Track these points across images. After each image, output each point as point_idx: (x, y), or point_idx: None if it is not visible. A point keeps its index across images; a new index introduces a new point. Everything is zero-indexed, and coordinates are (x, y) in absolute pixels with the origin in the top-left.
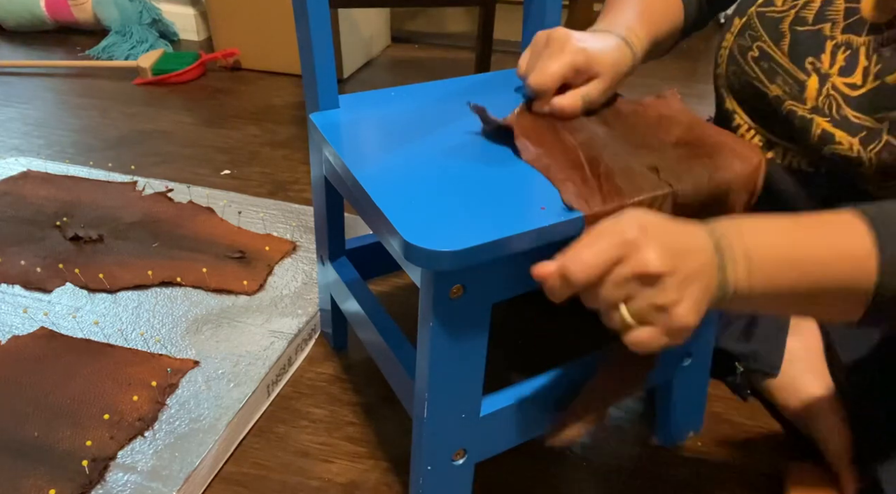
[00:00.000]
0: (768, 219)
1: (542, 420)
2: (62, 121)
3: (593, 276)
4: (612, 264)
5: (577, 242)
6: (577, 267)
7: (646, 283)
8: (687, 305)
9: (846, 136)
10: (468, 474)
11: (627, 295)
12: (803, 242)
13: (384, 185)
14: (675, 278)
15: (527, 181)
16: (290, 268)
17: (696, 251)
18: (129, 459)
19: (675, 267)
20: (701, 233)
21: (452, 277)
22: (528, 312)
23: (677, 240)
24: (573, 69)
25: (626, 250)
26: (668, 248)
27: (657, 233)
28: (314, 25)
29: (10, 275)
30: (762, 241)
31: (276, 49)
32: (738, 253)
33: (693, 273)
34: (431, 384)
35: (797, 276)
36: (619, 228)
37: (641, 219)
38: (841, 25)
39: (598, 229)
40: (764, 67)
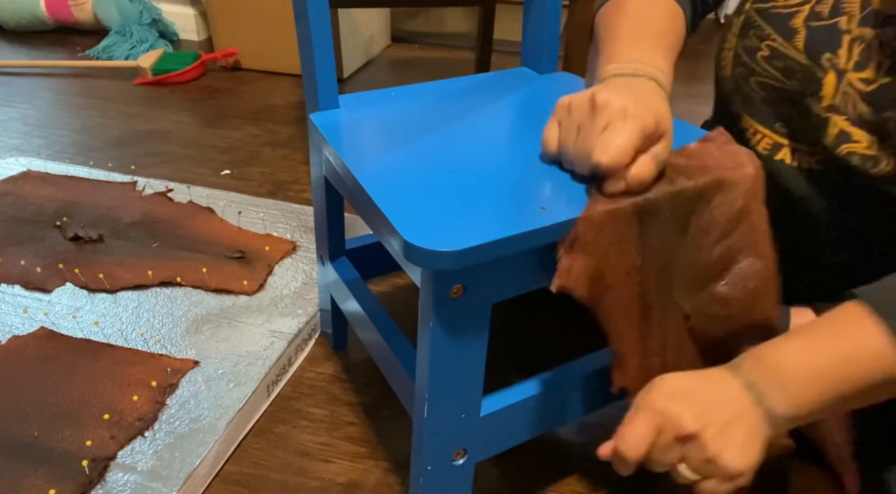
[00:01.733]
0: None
1: (542, 419)
2: (62, 121)
3: (642, 452)
4: (655, 436)
5: (623, 422)
6: (626, 449)
7: (688, 443)
8: (732, 451)
9: (864, 134)
10: (468, 474)
11: (681, 456)
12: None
13: (384, 185)
14: (710, 431)
15: (527, 181)
16: (290, 268)
17: (724, 400)
18: (129, 459)
19: (708, 421)
20: (726, 378)
21: (453, 277)
22: (526, 312)
23: (704, 396)
24: (645, 136)
25: (661, 421)
26: (697, 407)
27: (684, 396)
28: (314, 25)
29: (10, 275)
30: (790, 365)
31: (276, 49)
32: (770, 385)
33: (728, 420)
34: (431, 384)
35: (831, 386)
36: (650, 403)
37: (667, 387)
38: (857, 18)
39: (635, 406)
40: (778, 66)
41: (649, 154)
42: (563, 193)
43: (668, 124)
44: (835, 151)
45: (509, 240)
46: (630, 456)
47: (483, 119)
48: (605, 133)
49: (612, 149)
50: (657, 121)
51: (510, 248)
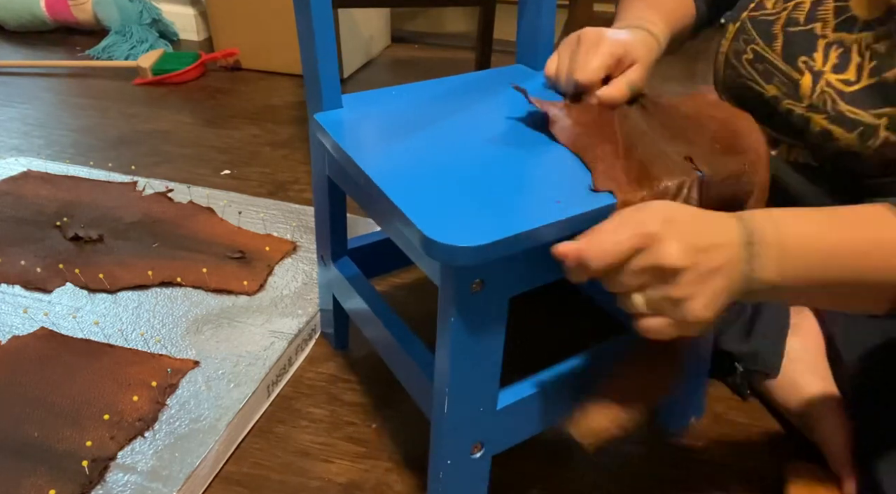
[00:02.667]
0: (802, 210)
1: (557, 410)
2: (62, 121)
3: (610, 265)
4: (631, 253)
5: (600, 227)
6: (595, 254)
7: (661, 276)
8: (702, 300)
9: (843, 132)
10: (486, 467)
11: (643, 284)
12: (838, 233)
13: (397, 182)
14: (693, 273)
15: (536, 174)
16: (290, 268)
17: (720, 246)
18: (129, 459)
19: (696, 262)
20: (731, 225)
21: (473, 272)
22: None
23: (702, 235)
24: (614, 59)
25: (646, 241)
26: (691, 243)
27: (682, 226)
28: (317, 25)
29: (10, 275)
30: (797, 231)
31: (276, 49)
32: (771, 244)
33: (714, 268)
34: (452, 379)
35: (830, 267)
36: (643, 218)
37: (667, 211)
38: (832, 24)
39: (621, 216)
40: (759, 69)
41: (621, 77)
42: (574, 186)
43: (639, 53)
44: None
45: (529, 235)
46: (595, 263)
47: (484, 115)
48: (579, 57)
49: (583, 69)
50: (627, 48)
51: (529, 242)
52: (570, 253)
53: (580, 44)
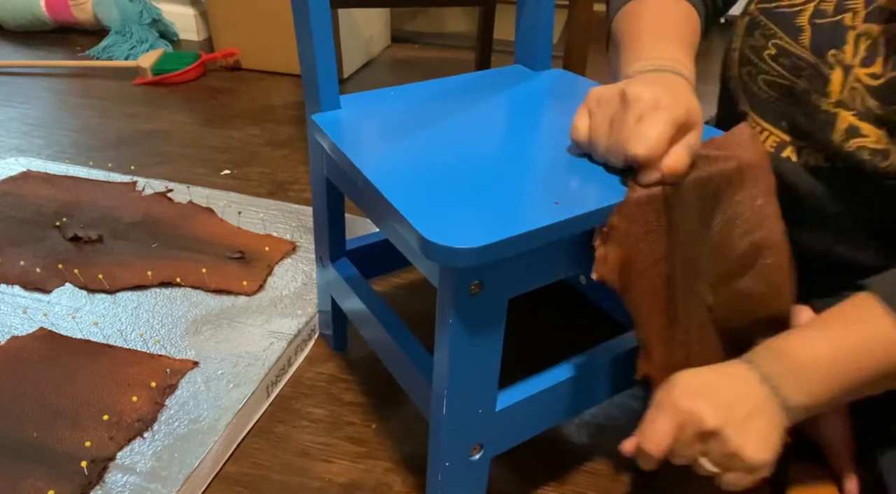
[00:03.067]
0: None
1: (556, 411)
2: (62, 121)
3: (665, 449)
4: (678, 432)
5: (645, 419)
6: (650, 446)
7: (710, 438)
8: (753, 444)
9: (873, 129)
10: (484, 468)
11: (703, 451)
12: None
13: (395, 183)
14: (731, 427)
15: (534, 175)
16: (289, 269)
17: (742, 394)
18: (128, 460)
19: (728, 417)
20: (743, 372)
21: (472, 274)
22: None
23: (723, 392)
24: (678, 127)
25: (682, 418)
26: (717, 403)
27: (703, 392)
28: (315, 26)
29: (9, 276)
30: (804, 357)
31: (276, 49)
32: (786, 375)
33: (748, 414)
34: (451, 381)
35: (845, 376)
36: (671, 401)
37: (686, 384)
38: (862, 14)
39: (656, 403)
40: (785, 64)
41: (682, 144)
42: (573, 188)
43: (698, 115)
44: (843, 147)
45: (528, 236)
46: (653, 453)
47: (483, 116)
48: (639, 125)
49: (648, 140)
50: (688, 112)
51: (528, 243)
52: (633, 450)
53: (628, 106)
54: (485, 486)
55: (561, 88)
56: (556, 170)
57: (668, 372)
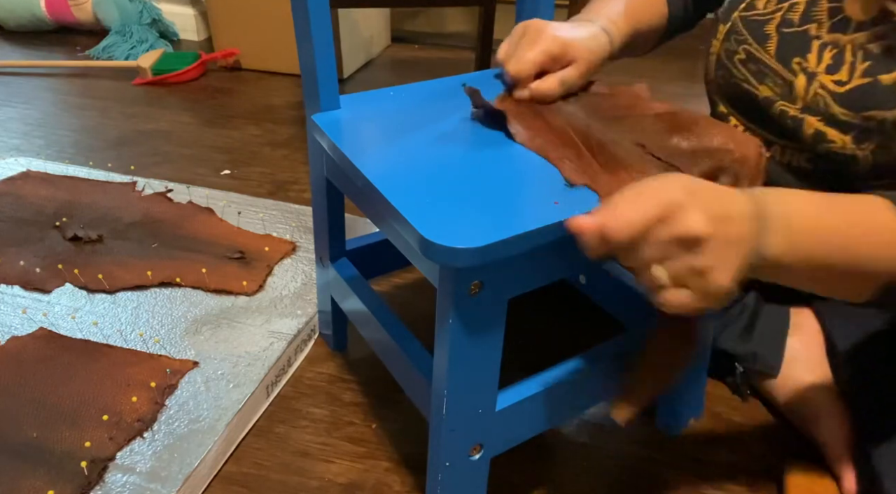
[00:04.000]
0: (804, 192)
1: (556, 412)
2: (62, 121)
3: (634, 235)
4: (654, 223)
5: (618, 198)
6: (617, 225)
7: (686, 246)
8: (725, 270)
9: (838, 134)
10: (484, 468)
11: (665, 255)
12: (838, 217)
13: (395, 183)
14: (715, 242)
15: (533, 175)
16: (289, 269)
17: (738, 217)
18: (128, 460)
19: (718, 231)
20: (742, 198)
21: (471, 274)
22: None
23: (721, 204)
24: (549, 56)
25: (670, 210)
26: (713, 212)
27: (702, 195)
28: (315, 26)
29: (9, 276)
30: (801, 211)
31: (276, 49)
32: (780, 220)
33: (734, 238)
34: (451, 381)
35: (829, 248)
36: (665, 188)
37: (685, 180)
38: (826, 25)
39: (639, 188)
40: (752, 69)
41: (556, 74)
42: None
43: (579, 53)
44: (816, 150)
45: (528, 236)
46: (617, 237)
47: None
48: (518, 49)
49: (517, 61)
50: (565, 47)
51: (528, 244)
52: (590, 227)
53: (524, 35)
54: (485, 486)
55: None
56: (555, 170)
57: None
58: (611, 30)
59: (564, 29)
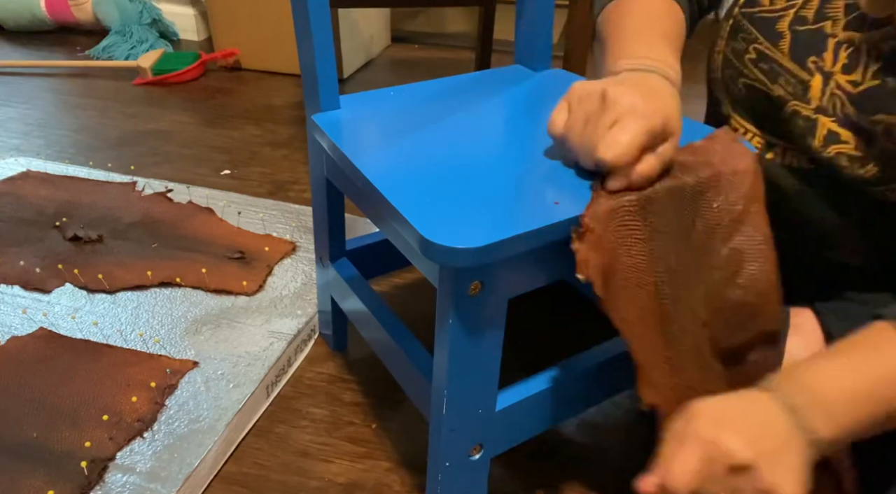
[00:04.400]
0: (820, 363)
1: (556, 411)
2: (62, 121)
3: (693, 485)
4: (705, 466)
5: (665, 453)
6: (676, 483)
7: (741, 473)
8: (785, 478)
9: (851, 136)
10: (485, 468)
11: (732, 486)
12: (865, 375)
13: (395, 183)
14: (765, 461)
15: (534, 176)
16: (289, 269)
17: (772, 425)
18: (127, 460)
19: (761, 449)
20: (766, 402)
21: (471, 274)
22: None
23: (752, 421)
24: (651, 136)
25: (711, 451)
26: (748, 434)
27: (731, 422)
28: (315, 26)
29: (9, 276)
30: (829, 388)
31: (276, 49)
32: (812, 406)
33: (779, 447)
34: (451, 381)
35: (870, 408)
36: (695, 431)
37: (710, 414)
38: (842, 22)
39: (676, 436)
40: (764, 69)
41: (655, 153)
42: (573, 188)
43: (676, 124)
44: (823, 153)
45: (528, 236)
46: (681, 489)
47: (482, 116)
48: (613, 130)
49: (618, 146)
50: (665, 122)
51: (528, 244)
52: (655, 489)
53: (606, 108)
54: (485, 486)
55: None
56: (555, 170)
57: (675, 401)
58: (673, 78)
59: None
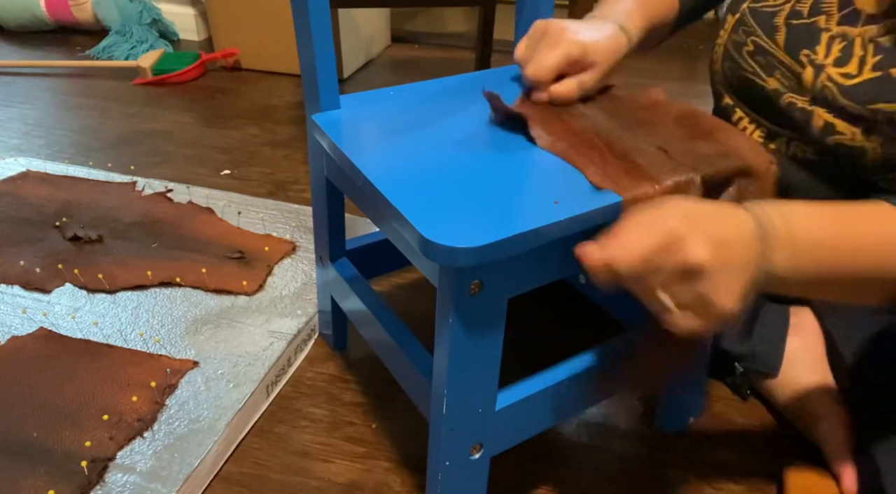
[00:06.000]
0: (809, 205)
1: (556, 411)
2: (62, 121)
3: (637, 266)
4: (656, 253)
5: (621, 229)
6: (623, 259)
7: (688, 274)
8: (730, 295)
9: (847, 126)
10: (484, 468)
11: (669, 283)
12: (845, 230)
13: (395, 183)
14: (718, 268)
15: (533, 175)
16: (289, 269)
17: (739, 240)
18: (128, 460)
19: (719, 257)
20: (745, 218)
21: (471, 273)
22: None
23: (722, 229)
24: (568, 60)
25: (670, 240)
26: (713, 239)
27: (701, 222)
28: (315, 26)
29: (9, 276)
30: (807, 227)
31: (276, 49)
32: (784, 237)
33: (736, 262)
34: (450, 381)
35: (838, 262)
36: (664, 217)
37: (685, 207)
38: (836, 17)
39: (640, 218)
40: (760, 62)
41: (575, 78)
42: (572, 187)
43: (598, 57)
44: (824, 142)
45: (528, 235)
46: (623, 269)
47: (482, 116)
48: (537, 51)
49: (536, 65)
50: (585, 51)
51: (528, 243)
52: (598, 260)
53: (543, 36)
54: (485, 486)
55: None
56: (555, 169)
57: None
58: (628, 27)
59: (584, 30)
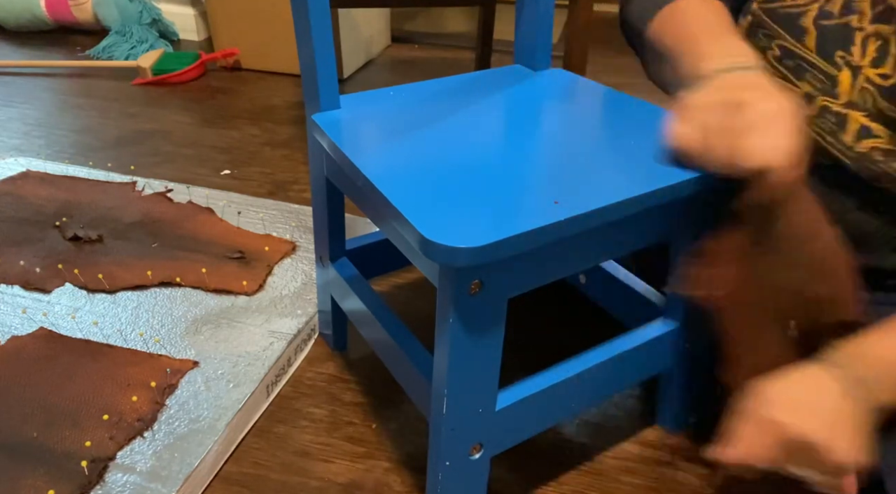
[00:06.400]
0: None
1: (556, 411)
2: (62, 121)
3: (769, 461)
4: (779, 445)
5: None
6: (756, 460)
7: (811, 450)
8: (853, 451)
9: (884, 129)
10: (484, 468)
11: (800, 461)
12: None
13: (395, 183)
14: (834, 439)
15: (533, 175)
16: (289, 269)
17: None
18: (128, 460)
19: (830, 428)
20: (827, 378)
21: (471, 273)
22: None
23: (818, 400)
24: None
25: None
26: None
27: (802, 405)
28: (315, 26)
29: (9, 276)
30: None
31: (276, 49)
32: (877, 376)
33: (845, 420)
34: (450, 381)
35: None
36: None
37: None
38: (869, 16)
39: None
40: (790, 65)
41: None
42: (573, 187)
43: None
44: (856, 148)
45: (528, 235)
46: (760, 465)
47: (482, 115)
48: (765, 134)
49: (778, 150)
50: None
51: (528, 243)
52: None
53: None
54: (485, 486)
55: (560, 88)
56: (555, 169)
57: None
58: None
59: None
